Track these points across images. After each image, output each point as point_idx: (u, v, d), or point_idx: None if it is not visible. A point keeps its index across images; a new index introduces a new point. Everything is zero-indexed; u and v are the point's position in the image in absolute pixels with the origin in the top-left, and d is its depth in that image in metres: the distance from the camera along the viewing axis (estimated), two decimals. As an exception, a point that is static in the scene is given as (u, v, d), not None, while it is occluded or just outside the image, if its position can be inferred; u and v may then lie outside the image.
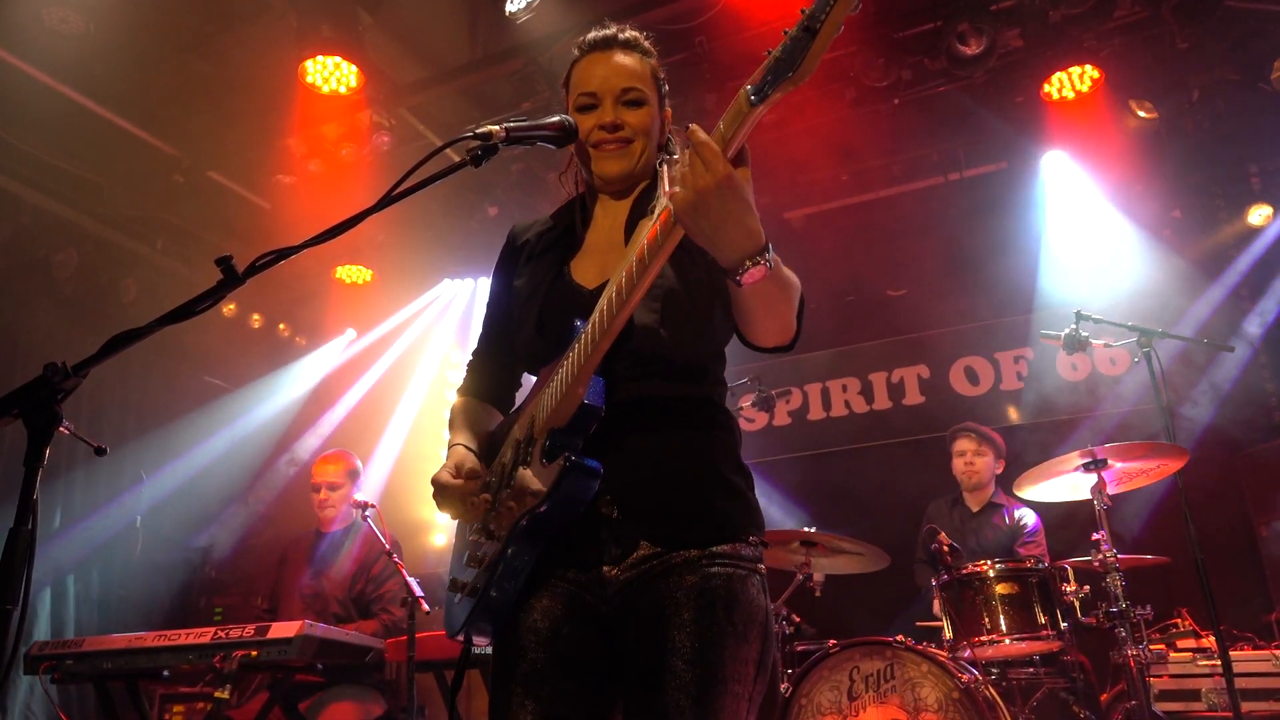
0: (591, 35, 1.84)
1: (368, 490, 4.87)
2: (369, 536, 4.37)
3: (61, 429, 1.49)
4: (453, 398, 2.01)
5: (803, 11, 1.26)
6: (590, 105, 1.79)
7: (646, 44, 1.86)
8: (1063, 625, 3.83)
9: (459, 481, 1.69)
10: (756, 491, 1.75)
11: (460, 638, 1.73)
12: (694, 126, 1.34)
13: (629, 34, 1.84)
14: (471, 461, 1.74)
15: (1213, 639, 3.93)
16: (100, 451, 1.58)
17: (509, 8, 4.67)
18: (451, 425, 1.91)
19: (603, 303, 1.56)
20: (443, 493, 1.70)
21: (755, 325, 1.59)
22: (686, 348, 1.70)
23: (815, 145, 5.78)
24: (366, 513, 4.03)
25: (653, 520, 1.60)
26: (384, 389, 7.53)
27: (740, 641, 1.54)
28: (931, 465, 5.51)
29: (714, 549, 1.58)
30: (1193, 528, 3.61)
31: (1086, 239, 6.14)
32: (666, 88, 1.89)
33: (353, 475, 4.72)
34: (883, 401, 6.66)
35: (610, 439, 1.61)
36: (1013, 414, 6.35)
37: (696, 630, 1.51)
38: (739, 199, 1.34)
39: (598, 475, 1.58)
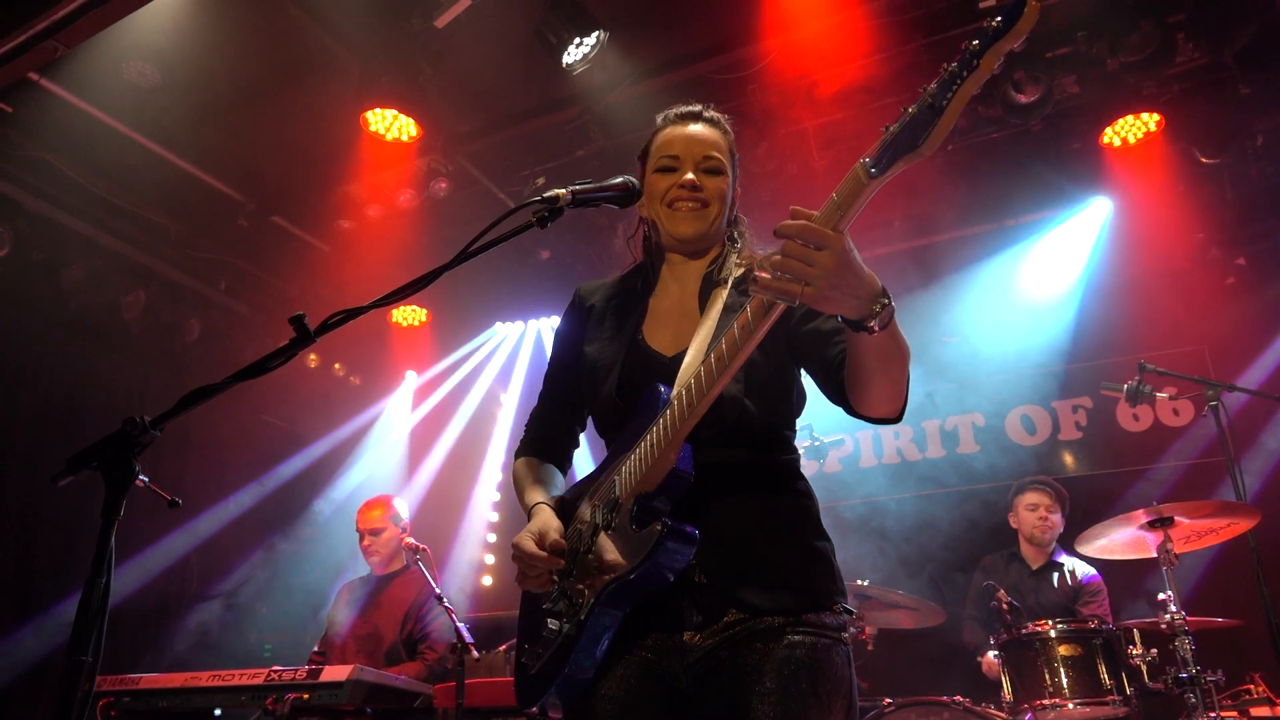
0: (678, 109, 1.93)
1: (412, 531, 4.89)
2: (419, 579, 4.38)
3: (138, 482, 1.53)
4: (502, 440, 2.04)
5: (924, 90, 1.26)
6: (671, 168, 1.86)
7: (726, 125, 1.94)
8: (1129, 689, 3.69)
9: (543, 554, 1.66)
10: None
11: (534, 710, 1.71)
12: (796, 209, 1.33)
13: (713, 113, 1.93)
14: (556, 529, 1.72)
15: (1288, 707, 3.77)
16: (174, 504, 1.61)
17: (566, 59, 4.75)
18: (520, 484, 1.93)
19: (695, 376, 1.56)
20: (524, 561, 1.69)
21: (871, 388, 1.56)
22: (768, 416, 1.71)
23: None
24: (417, 556, 4.06)
25: (740, 587, 1.59)
26: (432, 430, 7.60)
27: (824, 713, 1.53)
28: (987, 516, 5.38)
29: (799, 616, 1.57)
30: (1266, 589, 3.48)
31: (1147, 287, 6.01)
32: (738, 169, 1.94)
33: (395, 519, 4.76)
34: (936, 450, 6.55)
35: (693, 504, 1.61)
36: (1070, 464, 6.20)
37: (780, 700, 1.50)
38: (854, 260, 1.34)
39: (694, 542, 1.55)
